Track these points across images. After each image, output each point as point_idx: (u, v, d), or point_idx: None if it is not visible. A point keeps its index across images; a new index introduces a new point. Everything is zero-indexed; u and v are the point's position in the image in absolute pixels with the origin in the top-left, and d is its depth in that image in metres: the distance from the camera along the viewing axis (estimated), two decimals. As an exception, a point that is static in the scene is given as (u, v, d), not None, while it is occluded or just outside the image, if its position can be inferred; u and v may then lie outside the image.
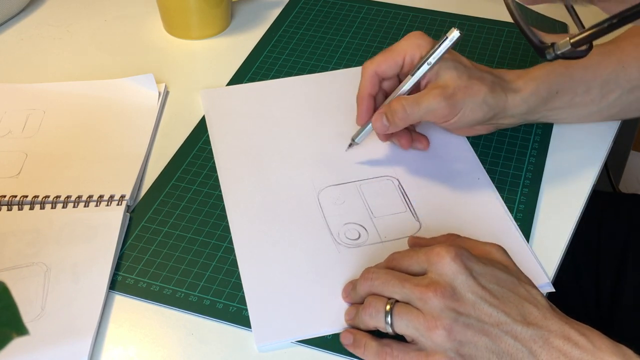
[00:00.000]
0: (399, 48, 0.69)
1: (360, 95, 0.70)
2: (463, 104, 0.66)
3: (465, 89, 0.66)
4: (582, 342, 0.51)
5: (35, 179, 0.71)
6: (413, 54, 0.68)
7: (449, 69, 0.67)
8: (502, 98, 0.68)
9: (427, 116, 0.66)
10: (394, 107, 0.66)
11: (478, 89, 0.67)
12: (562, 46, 0.50)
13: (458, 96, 0.66)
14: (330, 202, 0.69)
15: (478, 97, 0.67)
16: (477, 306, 0.52)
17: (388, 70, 0.69)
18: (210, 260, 0.64)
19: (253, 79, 0.83)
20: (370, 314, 0.55)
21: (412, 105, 0.66)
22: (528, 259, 0.63)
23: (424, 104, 0.66)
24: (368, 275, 0.57)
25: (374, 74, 0.69)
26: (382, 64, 0.69)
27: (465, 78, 0.67)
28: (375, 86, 0.70)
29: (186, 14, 0.88)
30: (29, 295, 0.61)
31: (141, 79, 0.81)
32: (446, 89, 0.66)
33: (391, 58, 0.69)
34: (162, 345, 0.58)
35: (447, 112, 0.66)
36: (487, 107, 0.67)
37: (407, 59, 0.68)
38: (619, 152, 1.34)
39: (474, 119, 0.68)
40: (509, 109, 0.69)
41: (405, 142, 0.72)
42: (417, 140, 0.72)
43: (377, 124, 0.68)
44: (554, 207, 0.69)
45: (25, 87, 0.83)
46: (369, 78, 0.69)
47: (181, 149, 0.75)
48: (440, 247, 0.55)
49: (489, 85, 0.67)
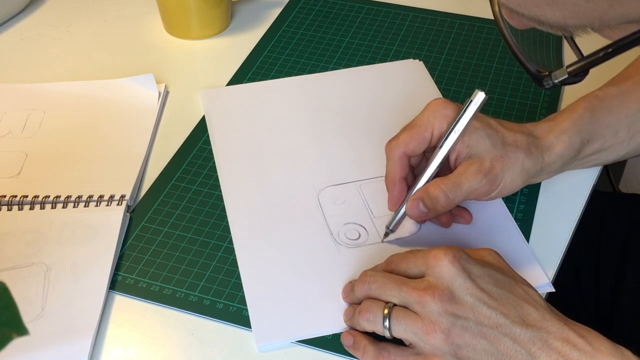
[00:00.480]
0: (424, 122, 0.63)
1: (391, 179, 0.64)
2: (502, 176, 0.62)
3: (502, 159, 0.62)
4: (581, 343, 0.51)
5: (35, 179, 0.71)
6: (441, 126, 0.62)
7: (481, 139, 0.62)
8: (539, 160, 0.64)
9: (469, 197, 0.62)
10: (434, 194, 0.61)
11: (515, 157, 0.63)
12: (559, 75, 0.48)
13: (496, 169, 0.62)
14: (330, 202, 0.69)
15: (517, 165, 0.63)
16: (475, 309, 0.52)
17: (417, 148, 0.63)
18: (211, 260, 0.64)
19: (253, 79, 0.83)
20: (367, 318, 0.55)
21: (453, 190, 0.61)
22: (528, 259, 0.63)
23: (465, 185, 0.61)
24: (365, 279, 0.57)
25: (403, 155, 0.63)
26: (410, 143, 0.63)
27: (500, 147, 0.62)
28: (405, 168, 0.64)
29: (186, 14, 0.88)
30: (29, 295, 0.61)
31: (141, 79, 0.81)
32: (483, 164, 0.62)
33: (418, 134, 0.63)
34: (162, 345, 0.58)
35: (488, 189, 0.62)
36: (526, 173, 0.64)
37: (435, 133, 0.63)
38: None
39: (514, 187, 0.64)
40: (546, 167, 0.65)
41: (447, 221, 0.66)
42: (459, 215, 0.66)
43: (413, 211, 0.62)
44: (554, 207, 0.69)
45: (25, 87, 0.83)
46: (399, 160, 0.63)
47: (181, 149, 0.75)
48: (438, 250, 0.54)
49: (524, 150, 0.63)
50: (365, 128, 0.76)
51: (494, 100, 0.80)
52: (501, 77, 0.83)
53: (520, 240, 0.65)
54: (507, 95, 0.80)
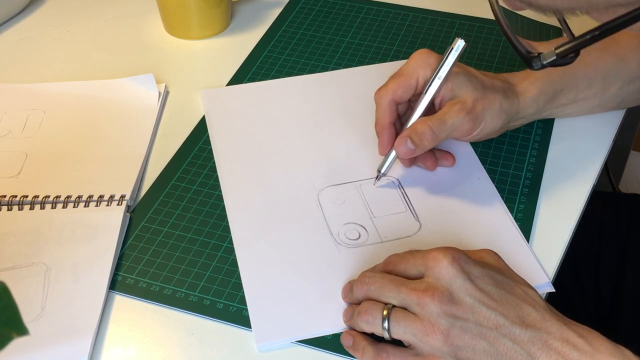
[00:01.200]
0: (410, 70, 0.68)
1: (381, 125, 0.69)
2: (483, 115, 0.67)
3: (482, 99, 0.67)
4: (581, 344, 0.51)
5: (35, 179, 0.71)
6: (425, 73, 0.67)
7: (463, 83, 0.67)
8: (514, 102, 0.69)
9: (452, 134, 0.67)
10: (420, 130, 0.65)
11: (494, 98, 0.67)
12: (547, 56, 0.51)
13: (478, 108, 0.66)
14: (330, 202, 0.69)
15: (495, 105, 0.67)
16: (475, 309, 0.52)
17: (404, 95, 0.68)
18: (211, 260, 0.64)
19: (253, 79, 0.83)
20: (366, 320, 0.55)
21: (438, 125, 0.65)
22: (528, 259, 0.63)
23: (449, 122, 0.66)
24: (364, 280, 0.57)
25: (391, 101, 0.68)
26: (398, 90, 0.68)
27: (480, 89, 0.67)
28: (394, 113, 0.69)
29: (186, 14, 0.88)
30: (29, 295, 0.61)
31: (141, 79, 0.81)
32: (466, 104, 0.66)
33: (405, 82, 0.68)
34: (162, 345, 0.58)
35: (471, 126, 0.66)
36: (504, 113, 0.68)
37: (420, 80, 0.68)
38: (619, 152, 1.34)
39: (494, 127, 0.68)
40: (521, 111, 0.70)
41: (432, 163, 0.70)
42: (443, 158, 0.71)
43: (401, 148, 0.66)
44: (554, 207, 0.69)
45: (25, 87, 0.83)
46: (387, 106, 0.68)
47: (181, 149, 0.75)
48: (437, 251, 0.54)
49: (501, 92, 0.68)
50: (365, 128, 0.76)
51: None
52: (501, 77, 0.83)
53: (520, 240, 0.65)
54: (507, 95, 0.80)
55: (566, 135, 0.76)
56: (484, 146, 0.74)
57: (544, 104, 0.71)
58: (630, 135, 1.33)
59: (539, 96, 0.70)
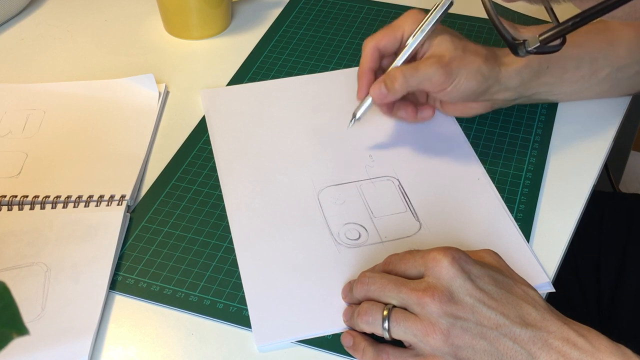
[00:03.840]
0: (397, 24, 0.71)
1: (361, 69, 0.71)
2: (458, 72, 0.68)
3: (460, 59, 0.69)
4: (581, 343, 0.51)
5: (35, 179, 0.71)
6: (411, 28, 0.70)
7: (444, 41, 0.69)
8: (495, 69, 0.70)
9: (423, 83, 0.68)
10: (392, 74, 0.68)
11: (473, 60, 0.69)
12: (532, 43, 0.54)
13: (454, 65, 0.68)
14: (330, 202, 0.69)
15: (473, 66, 0.69)
16: (475, 309, 0.52)
17: (388, 45, 0.71)
18: (211, 260, 0.64)
19: (253, 79, 0.83)
20: (367, 321, 0.55)
21: (410, 72, 0.68)
22: (528, 258, 0.63)
23: (422, 70, 0.68)
24: (364, 280, 0.57)
25: (375, 48, 0.71)
26: (383, 39, 0.70)
27: (460, 49, 0.69)
28: (376, 61, 0.71)
29: (186, 14, 0.88)
30: (29, 295, 0.61)
31: (141, 79, 0.81)
32: (442, 58, 0.68)
33: (391, 33, 0.70)
34: (162, 345, 0.58)
35: (443, 79, 0.68)
36: (482, 76, 0.69)
37: (406, 34, 0.70)
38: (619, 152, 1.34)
39: (468, 88, 0.69)
40: (503, 80, 0.71)
41: (412, 112, 0.73)
42: (423, 110, 0.74)
43: (375, 91, 0.69)
44: (554, 207, 0.69)
45: (25, 87, 0.83)
46: (370, 53, 0.71)
47: (181, 149, 0.75)
48: (437, 251, 0.54)
49: (483, 57, 0.70)
50: (365, 128, 0.76)
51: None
52: (501, 77, 0.83)
53: (520, 240, 0.65)
54: (507, 95, 0.80)
55: (566, 135, 0.75)
56: (484, 146, 0.74)
57: (528, 78, 0.72)
58: (630, 135, 1.33)
59: (523, 68, 0.71)
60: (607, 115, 0.77)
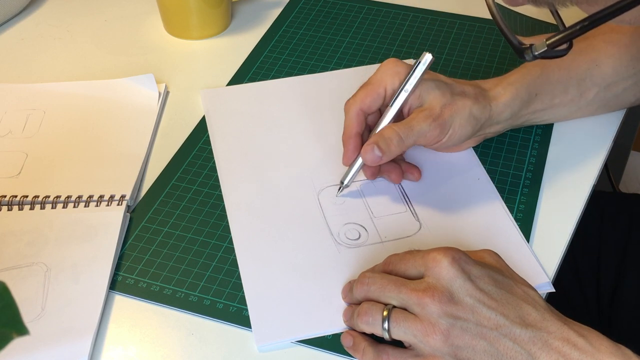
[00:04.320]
0: (377, 79, 0.67)
1: (347, 134, 0.67)
2: (451, 121, 0.66)
3: (450, 106, 0.66)
4: (581, 343, 0.51)
5: (35, 179, 0.71)
6: (393, 82, 0.67)
7: (431, 90, 0.66)
8: (486, 107, 0.68)
9: (419, 140, 0.65)
10: (388, 135, 0.64)
11: (463, 104, 0.66)
12: (539, 47, 0.52)
13: (445, 115, 0.65)
14: (330, 202, 0.69)
15: (464, 111, 0.66)
16: (475, 310, 0.52)
17: (372, 104, 0.67)
18: (211, 260, 0.64)
19: (253, 79, 0.83)
20: (366, 321, 0.55)
21: (405, 131, 0.64)
22: (528, 259, 0.63)
23: (416, 127, 0.65)
24: (364, 280, 0.57)
25: (359, 110, 0.67)
26: (366, 99, 0.67)
27: (448, 95, 0.66)
28: (362, 124, 0.67)
29: (186, 14, 0.88)
30: (29, 295, 0.61)
31: (141, 79, 0.81)
32: (433, 110, 0.65)
33: (373, 91, 0.67)
34: (162, 345, 0.58)
35: (438, 133, 0.65)
36: (474, 119, 0.67)
37: (388, 89, 0.67)
38: (619, 152, 1.34)
39: (463, 134, 0.67)
40: (494, 116, 0.69)
41: (397, 175, 0.69)
42: (408, 172, 0.70)
43: (368, 155, 0.65)
44: (554, 207, 0.69)
45: (25, 87, 0.83)
46: (355, 116, 0.67)
47: (181, 149, 0.75)
48: (437, 251, 0.54)
49: (472, 98, 0.67)
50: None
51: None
52: (501, 77, 0.83)
53: (520, 240, 0.65)
54: (507, 95, 0.80)
55: (566, 135, 0.75)
56: (484, 146, 0.74)
57: (519, 109, 0.70)
58: (630, 135, 1.33)
59: (512, 100, 0.69)
60: (607, 116, 0.77)
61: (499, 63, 0.85)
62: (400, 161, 0.70)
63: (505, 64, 0.84)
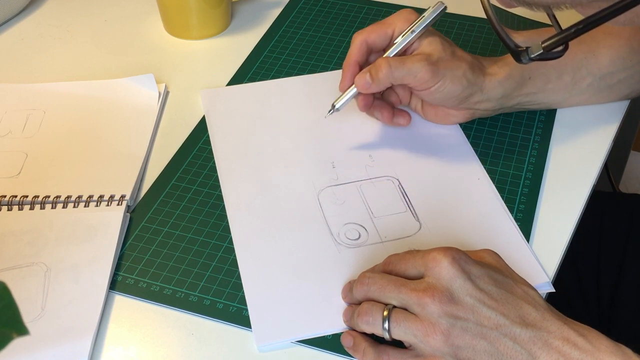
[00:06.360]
0: (389, 21, 0.71)
1: (348, 61, 0.71)
2: (444, 73, 0.68)
3: (447, 61, 0.69)
4: (582, 342, 0.51)
5: (35, 179, 0.71)
6: (402, 26, 0.70)
7: (435, 42, 0.69)
8: (480, 77, 0.70)
9: (408, 78, 0.68)
10: (378, 64, 0.68)
11: (459, 64, 0.69)
12: (535, 50, 0.54)
13: (440, 65, 0.68)
14: (330, 202, 0.69)
15: (459, 70, 0.69)
16: (475, 309, 0.52)
17: (377, 40, 0.70)
18: (211, 260, 0.64)
19: (253, 79, 0.83)
20: (367, 321, 0.55)
21: (396, 64, 0.68)
22: (528, 258, 0.63)
23: (408, 64, 0.68)
24: (364, 280, 0.57)
25: (364, 42, 0.70)
26: (372, 34, 0.70)
27: (449, 53, 0.69)
28: (363, 54, 0.71)
29: (186, 14, 0.88)
30: (29, 295, 0.61)
31: (141, 79, 0.81)
32: (431, 57, 0.68)
33: (381, 29, 0.70)
34: (162, 345, 0.58)
35: (429, 78, 0.68)
36: (467, 81, 0.69)
37: (397, 32, 0.70)
38: (619, 152, 1.34)
39: (452, 91, 0.69)
40: (486, 90, 0.71)
41: (387, 114, 0.73)
42: (399, 115, 0.74)
43: (360, 81, 0.69)
44: (554, 207, 0.69)
45: (25, 87, 0.83)
46: (358, 46, 0.71)
47: (181, 149, 0.75)
48: (437, 251, 0.54)
49: (469, 63, 0.70)
50: (365, 128, 0.76)
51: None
52: (501, 77, 0.83)
53: (520, 240, 0.65)
54: (507, 95, 0.80)
55: (566, 135, 0.75)
56: (484, 146, 0.74)
57: (511, 89, 0.72)
58: (630, 135, 1.33)
59: (506, 79, 0.71)
60: (607, 116, 0.77)
61: (499, 63, 0.84)
62: (395, 103, 0.74)
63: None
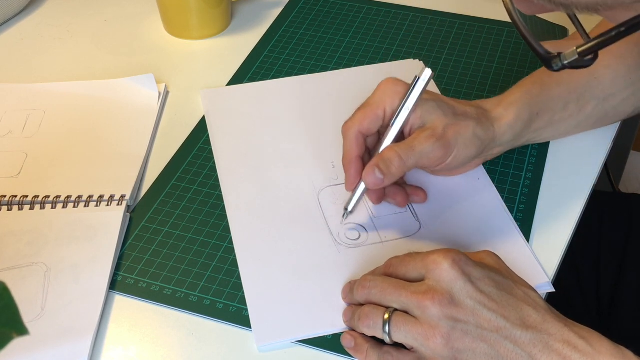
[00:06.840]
0: (376, 100, 0.64)
1: (348, 158, 0.65)
2: (455, 141, 0.63)
3: (454, 126, 0.63)
4: (582, 345, 0.51)
5: (35, 179, 0.71)
6: (392, 102, 0.64)
7: (432, 110, 0.63)
8: (490, 129, 0.66)
9: (421, 161, 0.63)
10: (388, 156, 0.62)
11: (466, 125, 0.64)
12: (569, 56, 0.48)
13: (449, 135, 0.63)
14: (330, 202, 0.69)
15: (468, 132, 0.64)
16: (476, 312, 0.52)
17: (372, 126, 0.64)
18: (211, 260, 0.64)
19: (253, 79, 0.83)
20: (368, 325, 0.55)
21: (406, 152, 0.62)
22: (528, 259, 0.63)
23: (418, 148, 0.62)
24: (365, 284, 0.57)
25: (358, 133, 0.64)
26: (365, 121, 0.64)
27: (451, 116, 0.64)
28: (361, 147, 0.64)
29: (186, 14, 0.88)
30: (29, 295, 0.61)
31: (141, 79, 0.81)
32: (436, 130, 0.63)
33: (371, 112, 0.64)
34: (162, 345, 0.58)
35: (442, 154, 0.63)
36: (479, 140, 0.65)
37: (388, 110, 0.64)
38: (619, 152, 1.34)
39: (467, 155, 0.65)
40: (497, 137, 0.67)
41: (402, 199, 0.67)
42: (414, 194, 0.68)
43: (369, 178, 0.62)
44: (554, 207, 0.69)
45: (25, 87, 0.83)
46: (354, 139, 0.64)
47: (181, 149, 0.75)
48: (438, 254, 0.54)
49: (475, 119, 0.65)
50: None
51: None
52: (501, 77, 0.83)
53: (520, 240, 0.65)
54: (507, 95, 0.80)
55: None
56: (484, 146, 0.74)
57: (521, 130, 0.68)
58: (630, 135, 1.33)
59: (515, 122, 0.67)
60: (607, 116, 0.77)
61: (499, 63, 0.85)
62: (403, 184, 0.68)
63: (505, 64, 0.84)
